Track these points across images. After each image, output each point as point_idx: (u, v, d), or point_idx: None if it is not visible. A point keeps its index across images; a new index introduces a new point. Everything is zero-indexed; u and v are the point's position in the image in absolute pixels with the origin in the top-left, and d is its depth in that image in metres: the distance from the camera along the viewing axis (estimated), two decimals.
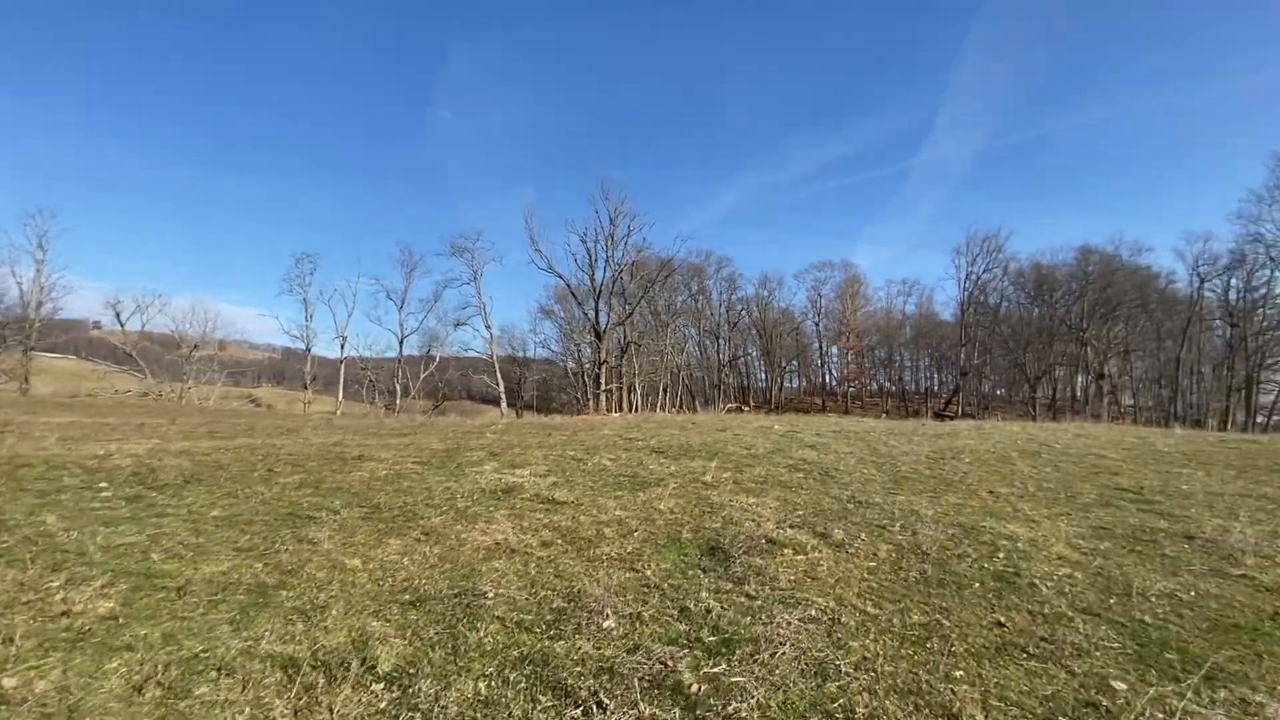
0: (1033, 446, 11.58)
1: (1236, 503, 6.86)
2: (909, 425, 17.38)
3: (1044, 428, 16.76)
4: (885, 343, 79.46)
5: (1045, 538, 5.37)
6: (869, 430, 15.04)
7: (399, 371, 58.37)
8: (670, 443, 11.37)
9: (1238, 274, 46.55)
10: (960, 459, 9.76)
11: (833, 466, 8.87)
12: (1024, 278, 61.19)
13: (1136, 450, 11.43)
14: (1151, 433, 16.30)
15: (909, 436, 13.38)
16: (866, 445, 11.53)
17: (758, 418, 24.61)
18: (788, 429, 15.62)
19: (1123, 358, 56.71)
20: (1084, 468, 9.20)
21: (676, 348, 71.06)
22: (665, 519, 5.89)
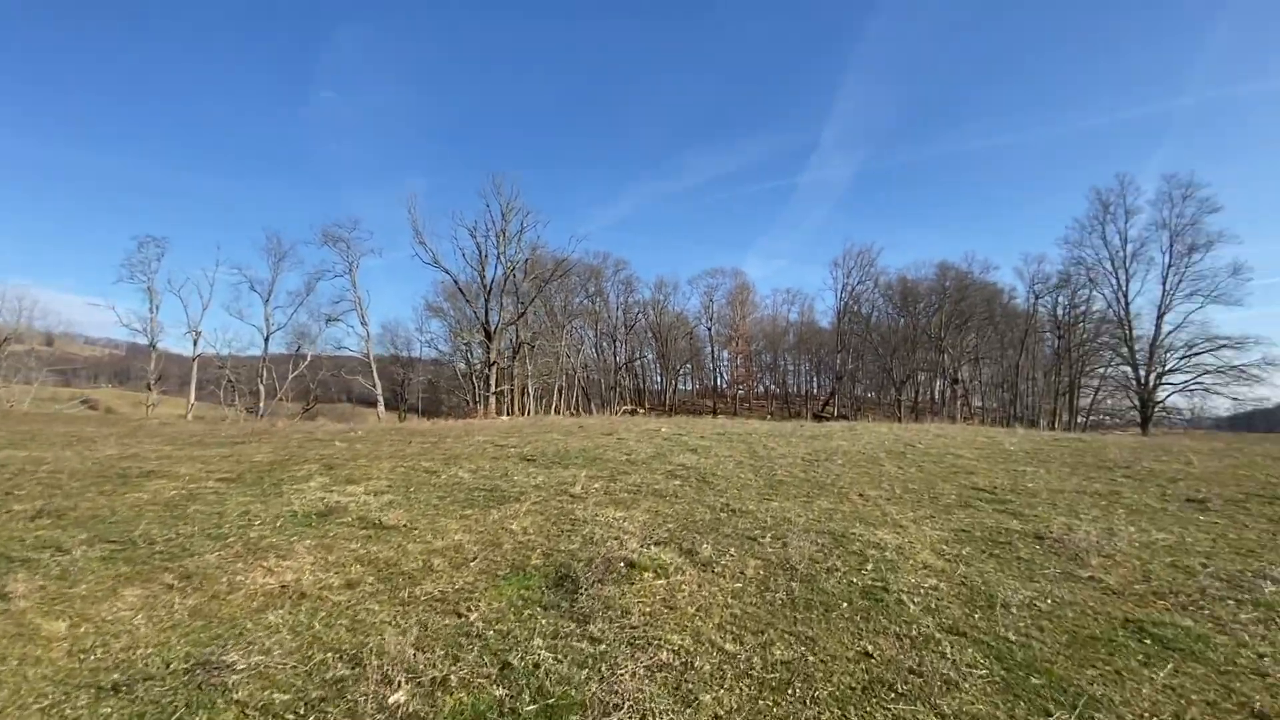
0: (899, 447, 12.06)
1: (1075, 500, 7.25)
2: (789, 427, 17.80)
3: (908, 428, 17.84)
4: (771, 348, 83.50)
5: (911, 544, 5.19)
6: (752, 432, 15.11)
7: (263, 371, 52.21)
8: (546, 449, 10.52)
9: (1064, 292, 53.99)
10: (834, 460, 9.83)
11: (711, 472, 8.50)
12: (892, 290, 67.01)
13: (987, 450, 12.26)
14: (998, 432, 17.83)
15: (788, 438, 13.53)
16: (747, 448, 11.41)
17: (649, 420, 24.38)
18: (674, 432, 15.32)
19: (973, 364, 63.73)
20: (944, 468, 9.56)
21: (573, 349, 69.99)
22: (515, 542, 5.06)
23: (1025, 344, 57.50)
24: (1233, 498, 7.47)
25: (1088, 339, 50.58)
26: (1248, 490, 7.92)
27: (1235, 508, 6.94)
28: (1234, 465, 10.52)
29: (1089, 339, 50.47)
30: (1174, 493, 7.79)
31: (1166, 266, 41.54)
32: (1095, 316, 50.01)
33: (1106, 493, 7.72)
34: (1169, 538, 5.59)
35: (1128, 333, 43.77)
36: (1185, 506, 7.02)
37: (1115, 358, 46.11)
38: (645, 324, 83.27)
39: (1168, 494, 7.73)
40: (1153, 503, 7.22)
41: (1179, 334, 40.80)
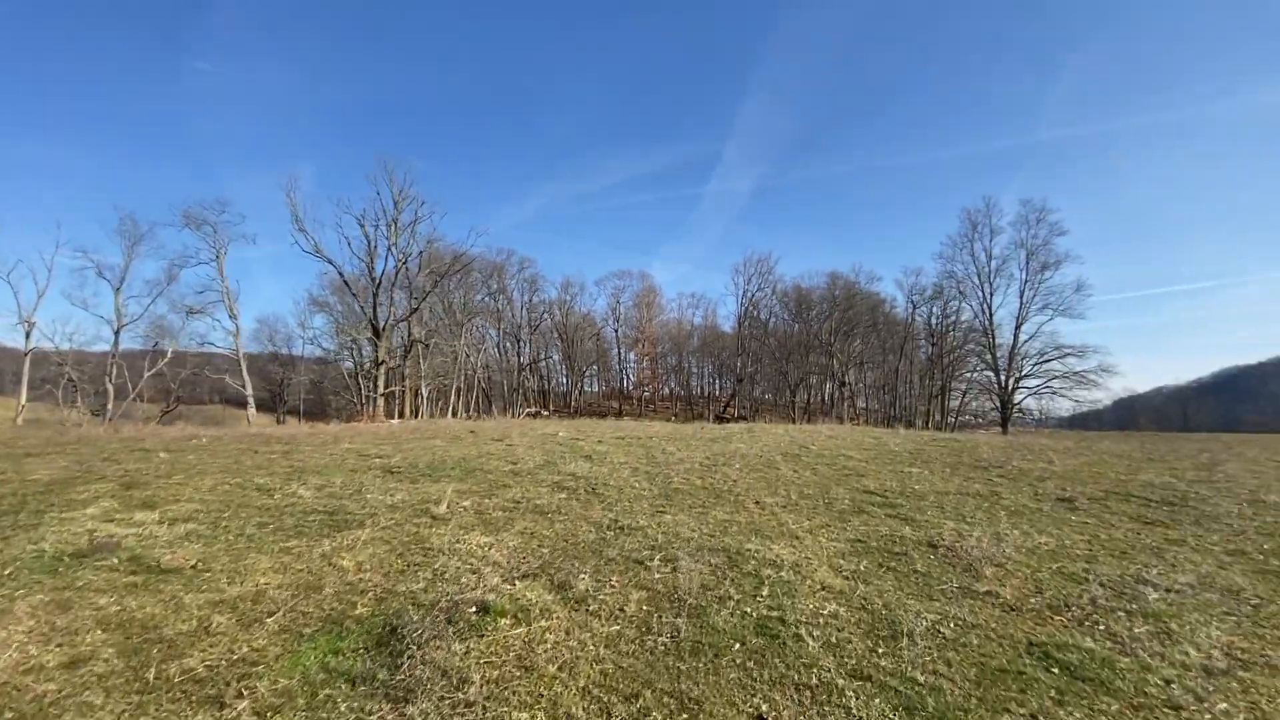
0: (794, 449, 12.03)
1: (960, 503, 7.29)
2: (690, 429, 17.56)
3: (802, 430, 18.20)
4: (676, 350, 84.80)
5: (809, 560, 4.76)
6: (653, 436, 14.64)
7: (112, 369, 44.94)
8: (420, 459, 9.32)
9: (937, 303, 59.12)
10: (731, 465, 9.49)
11: (603, 481, 7.79)
12: (788, 297, 70.25)
13: (875, 451, 12.56)
14: (883, 433, 18.61)
15: (688, 442, 13.16)
16: (645, 453, 10.85)
17: (550, 423, 23.35)
18: (572, 436, 14.50)
19: (858, 368, 68.18)
20: (837, 470, 9.51)
21: (473, 348, 66.99)
22: (341, 584, 4.03)
23: (904, 350, 62.37)
24: (1094, 496, 7.87)
25: (957, 346, 55.70)
26: (1105, 489, 8.43)
27: (1099, 506, 7.27)
28: (1087, 463, 11.40)
29: (958, 346, 55.59)
30: (1044, 492, 8.12)
31: (1023, 282, 46.63)
32: (964, 326, 55.23)
33: (987, 493, 7.89)
34: (1050, 541, 5.59)
35: (991, 341, 48.60)
36: (1057, 506, 7.26)
37: (980, 364, 51.08)
38: (551, 324, 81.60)
39: (1040, 493, 8.03)
40: (1029, 503, 7.42)
41: (1033, 343, 45.93)
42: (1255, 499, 7.92)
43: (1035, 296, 45.60)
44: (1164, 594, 4.19)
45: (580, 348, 79.50)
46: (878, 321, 64.73)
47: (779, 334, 70.43)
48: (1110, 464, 11.28)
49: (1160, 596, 4.12)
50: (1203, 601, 4.10)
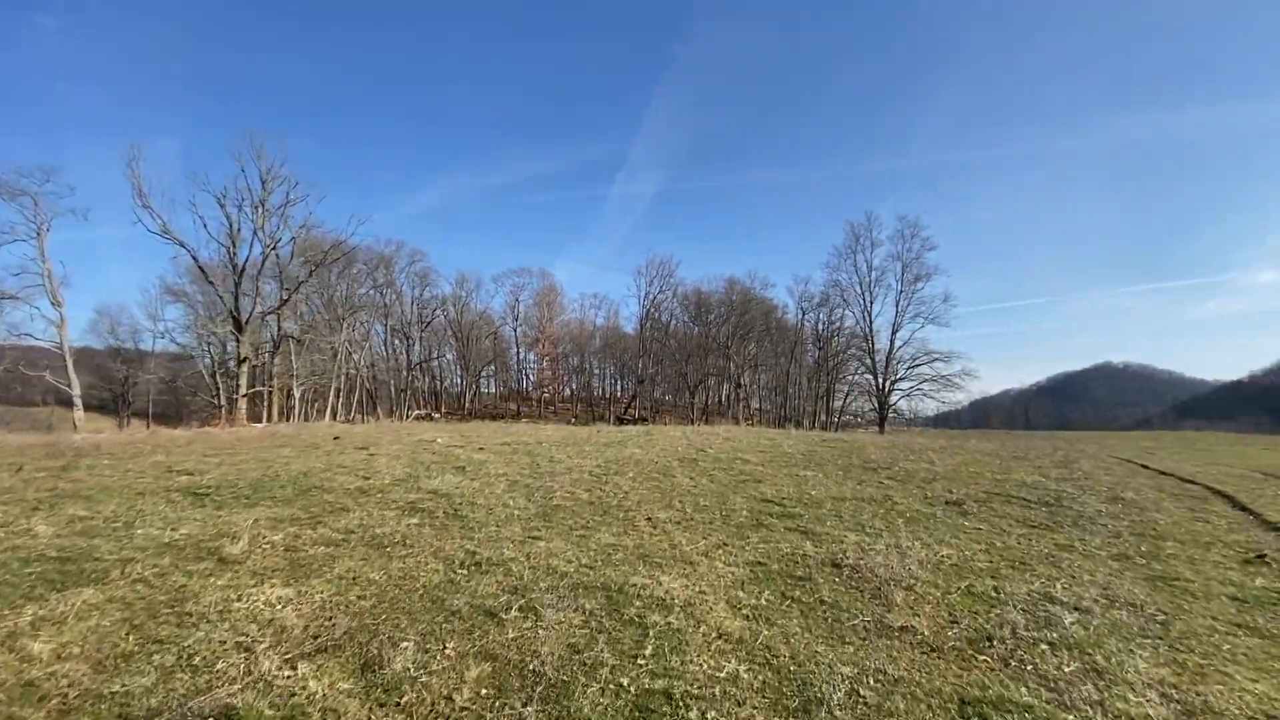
0: (691, 454, 11.46)
1: (857, 510, 6.93)
2: (585, 433, 16.60)
3: (700, 432, 17.86)
4: (578, 351, 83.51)
5: (703, 596, 3.97)
6: (543, 441, 13.51)
7: None
8: (245, 475, 7.59)
9: (824, 310, 62.62)
10: (624, 474, 8.66)
11: (471, 499, 6.63)
12: (688, 300, 71.37)
13: (770, 453, 12.31)
14: (776, 434, 18.72)
15: (580, 447, 12.20)
16: (530, 461, 9.75)
17: (433, 428, 21.36)
18: (452, 443, 13.02)
19: (753, 370, 70.74)
20: (734, 476, 8.99)
21: (356, 345, 61.70)
22: (15, 686, 2.65)
23: (794, 354, 65.56)
24: (979, 498, 7.87)
25: (841, 351, 59.31)
26: (986, 489, 8.53)
27: (987, 509, 7.21)
28: (964, 462, 11.81)
29: (842, 351, 59.21)
30: (934, 495, 8.04)
31: (899, 292, 50.46)
32: (846, 332, 58.89)
33: (881, 498, 7.65)
34: (952, 553, 5.25)
35: (870, 346, 52.16)
36: (949, 510, 7.11)
37: (861, 367, 54.65)
38: (444, 321, 77.23)
39: (930, 496, 7.93)
40: (922, 508, 7.23)
41: (906, 348, 49.81)
42: (1115, 496, 8.31)
43: (909, 306, 49.53)
44: (1077, 616, 3.84)
45: (476, 347, 75.94)
46: (771, 326, 67.51)
47: (679, 336, 71.42)
48: (984, 463, 11.75)
49: (1076, 620, 3.75)
50: (1115, 622, 3.79)
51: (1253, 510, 7.87)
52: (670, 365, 69.32)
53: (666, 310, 73.20)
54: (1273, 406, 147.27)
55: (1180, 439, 33.96)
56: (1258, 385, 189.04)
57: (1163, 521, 6.90)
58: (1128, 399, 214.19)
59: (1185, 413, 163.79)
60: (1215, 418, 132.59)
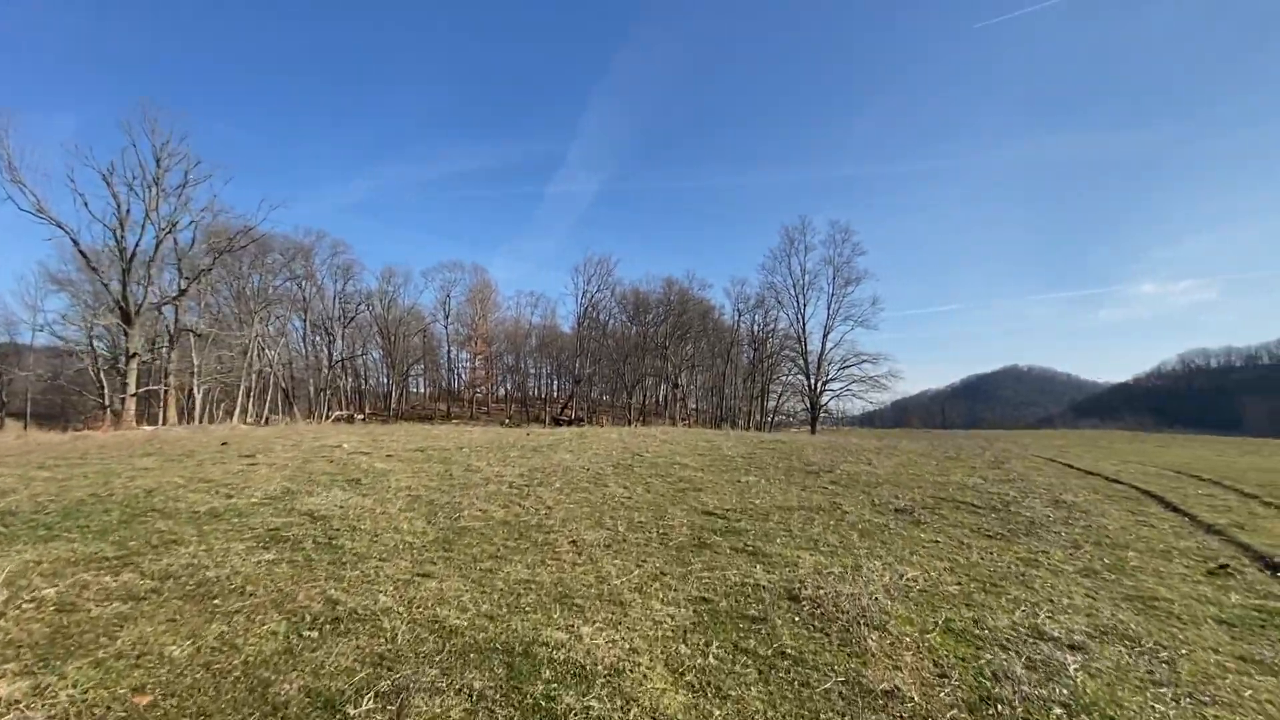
0: (626, 458, 10.60)
1: (806, 521, 6.27)
2: (513, 435, 15.40)
3: (636, 433, 17.04)
4: (513, 350, 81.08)
5: (635, 656, 3.08)
6: (465, 445, 12.26)
7: None
8: (64, 495, 6.02)
9: (759, 311, 63.57)
10: (551, 484, 7.67)
11: (355, 523, 5.45)
12: (626, 300, 70.69)
13: (710, 456, 11.63)
14: (714, 435, 18.16)
15: (505, 452, 11.07)
16: (444, 471, 8.57)
17: (350, 429, 19.45)
18: (360, 447, 11.56)
19: (690, 371, 70.96)
20: (671, 484, 8.19)
21: (271, 342, 57.11)
22: None
23: (730, 355, 66.25)
24: (927, 504, 7.42)
25: (775, 352, 60.34)
26: (931, 494, 8.12)
27: (938, 518, 6.73)
28: (901, 464, 11.55)
29: (776, 352, 60.24)
30: (881, 500, 7.53)
31: (830, 295, 51.85)
32: (780, 333, 59.99)
33: (829, 506, 7.05)
34: (918, 575, 4.62)
35: (803, 348, 53.32)
36: (900, 520, 6.58)
37: (794, 368, 55.73)
38: (370, 317, 72.95)
39: (877, 503, 7.41)
40: (873, 517, 6.67)
41: (837, 350, 51.18)
42: (1056, 499, 8.10)
43: (840, 308, 50.95)
44: (1078, 659, 3.22)
45: (404, 344, 72.13)
46: (708, 327, 67.91)
47: (617, 336, 70.63)
48: (920, 464, 11.55)
49: (1079, 665, 3.12)
50: (1119, 664, 3.19)
51: (1185, 511, 7.81)
52: (608, 365, 68.37)
53: (605, 309, 72.24)
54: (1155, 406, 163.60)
55: (1085, 437, 36.44)
56: (1142, 387, 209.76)
57: (1112, 528, 6.63)
58: (1031, 399, 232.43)
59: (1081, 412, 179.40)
60: (1107, 416, 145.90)
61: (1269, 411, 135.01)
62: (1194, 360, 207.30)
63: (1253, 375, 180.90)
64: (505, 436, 15.33)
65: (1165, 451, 23.05)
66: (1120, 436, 35.37)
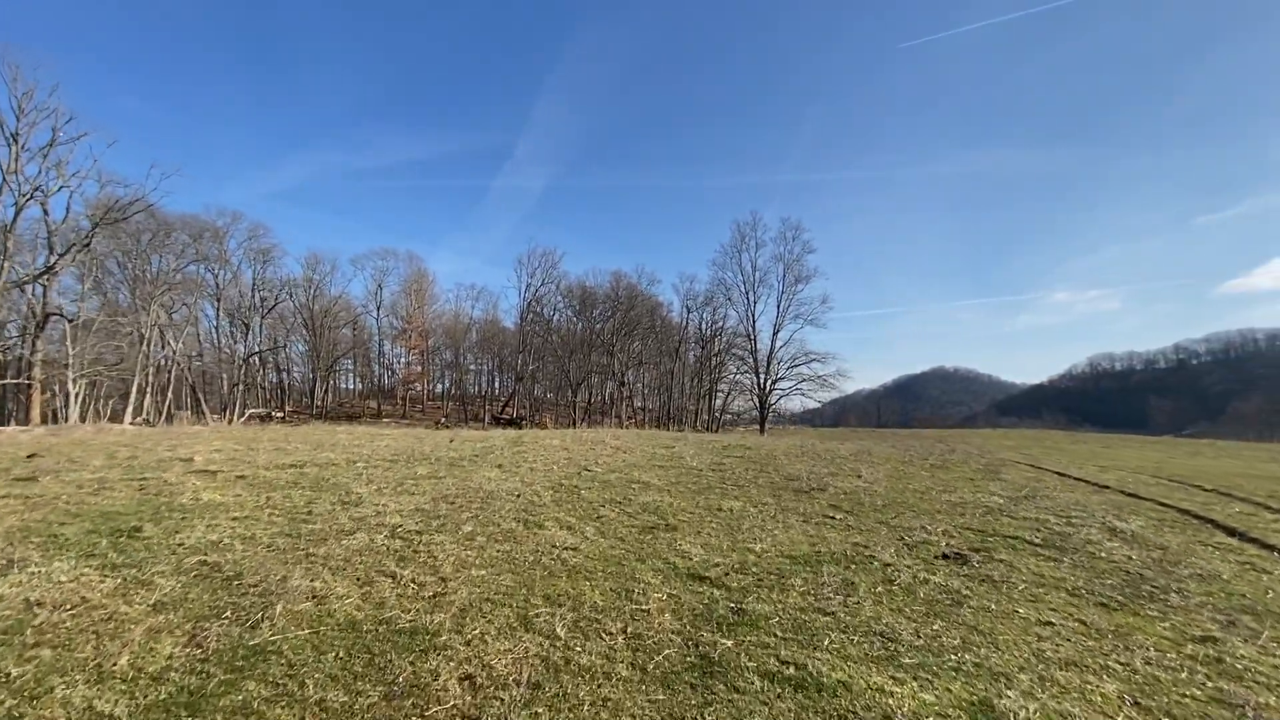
0: (572, 475, 8.32)
1: (844, 589, 4.19)
2: (434, 441, 12.74)
3: (583, 438, 14.73)
4: (452, 345, 76.74)
5: None
6: (365, 456, 9.64)
7: None
8: None
9: (708, 309, 62.26)
10: (459, 525, 5.31)
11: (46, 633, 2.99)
12: (572, 294, 67.84)
13: (673, 470, 9.50)
14: (670, 439, 16.07)
15: (414, 467, 8.54)
16: (304, 506, 5.99)
17: (237, 434, 16.17)
18: (212, 463, 8.75)
19: (637, 368, 68.98)
20: (633, 517, 6.00)
21: (175, 331, 51.05)
22: None
23: (679, 352, 64.73)
24: (973, 543, 5.54)
25: (723, 350, 59.19)
26: (966, 526, 6.28)
27: (1005, 568, 4.80)
28: (890, 475, 9.81)
29: (724, 350, 59.11)
30: (914, 539, 5.61)
31: (780, 292, 50.87)
32: (729, 331, 58.87)
33: (856, 556, 5.04)
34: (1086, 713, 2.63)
35: (753, 346, 52.26)
36: (961, 575, 4.61)
37: (744, 366, 54.54)
38: (293, 307, 67.02)
39: (910, 543, 5.47)
40: (923, 570, 4.67)
41: (787, 349, 50.31)
42: (1111, 528, 6.42)
43: (790, 306, 50.11)
44: None
45: (330, 337, 66.65)
46: (656, 324, 66.12)
47: (562, 331, 67.78)
48: (911, 475, 9.91)
49: None
50: None
51: (1263, 542, 6.30)
52: (552, 361, 65.45)
53: (549, 304, 69.10)
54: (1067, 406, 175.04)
55: (1027, 436, 36.65)
56: (1055, 388, 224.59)
57: (1227, 575, 4.92)
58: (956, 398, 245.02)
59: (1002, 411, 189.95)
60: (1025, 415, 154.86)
61: (1170, 411, 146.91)
62: (1100, 363, 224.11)
63: (1151, 377, 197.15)
64: (423, 443, 12.70)
65: (1115, 452, 22.77)
66: (1061, 436, 35.80)
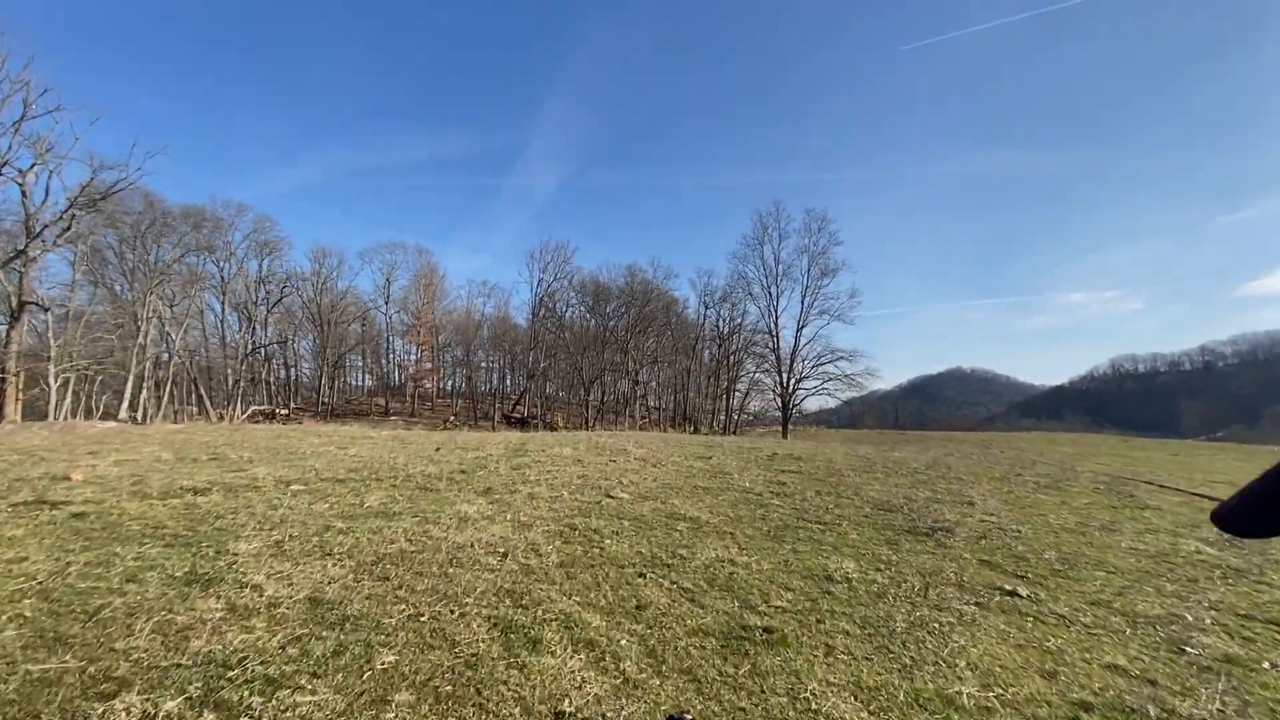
0: (587, 508, 5.85)
1: None
2: (413, 451, 10.36)
3: (600, 444, 12.25)
4: (463, 342, 74.77)
5: None
6: (299, 479, 7.30)
7: None
8: None
9: (726, 305, 59.60)
10: (378, 655, 2.94)
11: None
12: (585, 289, 65.51)
13: (722, 493, 7.02)
14: (701, 445, 13.57)
15: (364, 495, 6.15)
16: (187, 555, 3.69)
17: (195, 434, 13.94)
18: (94, 481, 6.46)
19: (651, 366, 66.46)
20: (696, 597, 3.57)
21: (174, 323, 49.49)
22: None
23: (695, 350, 62.15)
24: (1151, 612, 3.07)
25: (742, 348, 56.49)
26: (1213, 603, 3.80)
27: None
28: (1007, 502, 7.29)
29: (743, 348, 56.40)
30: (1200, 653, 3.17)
31: (805, 287, 48.02)
32: (748, 328, 56.17)
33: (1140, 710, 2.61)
34: None
35: (775, 343, 49.47)
36: None
37: (766, 364, 51.65)
38: (301, 301, 65.36)
39: (1201, 664, 3.03)
40: None
41: (811, 346, 47.46)
42: None
43: (815, 301, 47.28)
44: None
45: (335, 331, 64.90)
46: (671, 321, 63.57)
47: (574, 328, 65.46)
48: (1036, 504, 7.35)
49: None
50: None
51: None
52: (564, 359, 63.13)
53: (562, 299, 66.80)
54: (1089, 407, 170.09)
55: (1079, 441, 33.61)
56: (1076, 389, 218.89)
57: None
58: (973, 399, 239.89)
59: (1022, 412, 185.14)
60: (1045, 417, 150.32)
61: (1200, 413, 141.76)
62: (1123, 365, 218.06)
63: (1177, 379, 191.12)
64: (405, 450, 10.32)
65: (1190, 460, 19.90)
66: (1115, 441, 32.74)
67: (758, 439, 25.41)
